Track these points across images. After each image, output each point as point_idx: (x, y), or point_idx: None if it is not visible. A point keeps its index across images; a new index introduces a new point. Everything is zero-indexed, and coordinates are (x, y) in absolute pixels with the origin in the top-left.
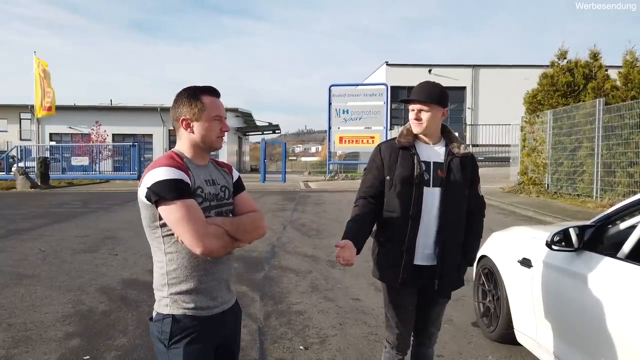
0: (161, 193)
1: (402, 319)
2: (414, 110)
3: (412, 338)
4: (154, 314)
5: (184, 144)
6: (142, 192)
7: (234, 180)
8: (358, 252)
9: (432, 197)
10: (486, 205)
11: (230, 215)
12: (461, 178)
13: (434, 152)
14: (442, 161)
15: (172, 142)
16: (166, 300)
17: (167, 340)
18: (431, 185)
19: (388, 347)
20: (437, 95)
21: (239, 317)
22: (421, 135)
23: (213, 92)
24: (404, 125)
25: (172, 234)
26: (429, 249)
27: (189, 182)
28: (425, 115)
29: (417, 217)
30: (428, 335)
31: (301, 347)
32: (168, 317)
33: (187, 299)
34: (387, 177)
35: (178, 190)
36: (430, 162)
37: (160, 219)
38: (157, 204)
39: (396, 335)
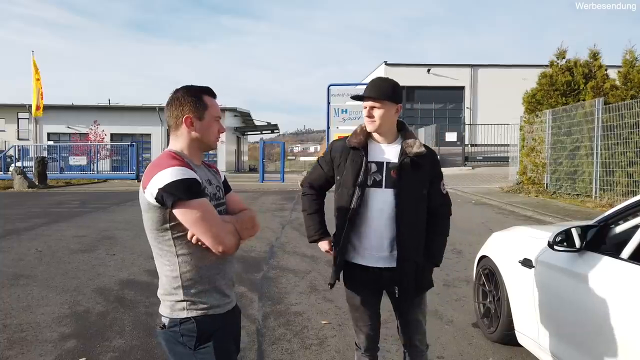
0: (177, 194)
1: (365, 321)
2: (366, 107)
3: (407, 346)
4: (166, 320)
5: (182, 143)
6: (150, 195)
7: (222, 181)
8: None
9: (385, 198)
10: (451, 203)
11: (226, 213)
12: (416, 178)
13: (387, 152)
14: (396, 161)
15: None
16: (182, 304)
17: (193, 342)
18: (384, 187)
19: (359, 351)
20: (389, 91)
21: (240, 316)
22: (375, 134)
23: (211, 92)
24: (359, 125)
25: (184, 235)
26: (383, 251)
27: (200, 181)
28: (377, 113)
29: (354, 218)
30: (412, 340)
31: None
32: (187, 321)
33: (204, 299)
34: (337, 177)
35: (193, 189)
36: (383, 163)
37: (171, 221)
38: (173, 205)
39: (362, 337)
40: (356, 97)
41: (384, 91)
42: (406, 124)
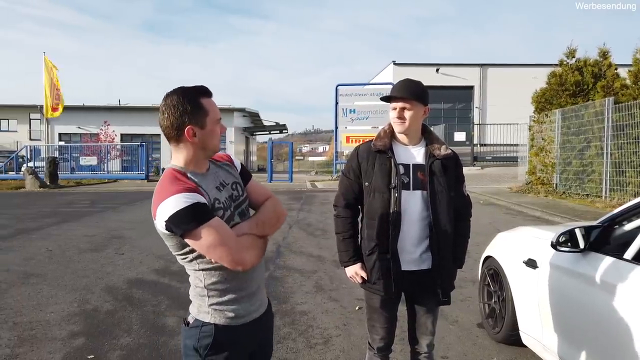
0: (182, 225)
1: (382, 323)
2: (395, 108)
3: (414, 347)
4: (191, 319)
5: (186, 156)
6: (160, 225)
7: (238, 171)
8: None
9: (413, 200)
10: (472, 205)
11: (248, 208)
12: (445, 180)
13: (413, 154)
14: (422, 163)
15: None
16: (208, 309)
17: (205, 349)
18: (411, 189)
19: (372, 350)
20: (419, 92)
21: (272, 318)
22: (400, 137)
23: (208, 92)
24: (382, 127)
25: None
26: (413, 253)
27: (205, 201)
28: (408, 114)
29: (398, 222)
30: (421, 341)
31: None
32: (208, 325)
33: (229, 308)
34: (366, 183)
35: (199, 216)
36: (409, 165)
37: (189, 244)
38: (182, 236)
39: (377, 338)
40: (385, 98)
41: (413, 92)
42: (428, 127)
